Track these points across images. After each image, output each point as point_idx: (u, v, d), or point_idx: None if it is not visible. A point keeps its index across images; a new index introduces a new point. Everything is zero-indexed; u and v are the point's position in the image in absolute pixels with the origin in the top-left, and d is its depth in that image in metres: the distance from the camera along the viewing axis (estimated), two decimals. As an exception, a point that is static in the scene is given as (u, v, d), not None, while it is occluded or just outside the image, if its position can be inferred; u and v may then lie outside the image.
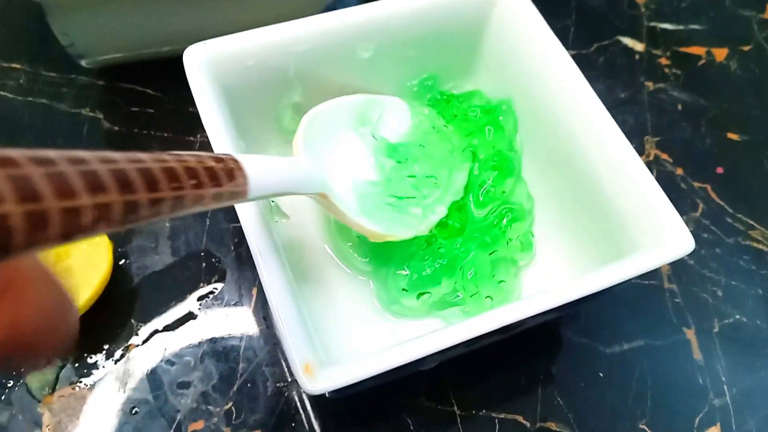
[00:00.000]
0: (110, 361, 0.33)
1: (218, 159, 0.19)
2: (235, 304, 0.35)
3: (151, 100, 0.42)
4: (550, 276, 0.33)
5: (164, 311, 0.35)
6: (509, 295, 0.32)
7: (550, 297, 0.25)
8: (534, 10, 0.32)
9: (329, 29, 0.32)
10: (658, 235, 0.27)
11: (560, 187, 0.33)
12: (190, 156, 0.18)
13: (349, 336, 0.31)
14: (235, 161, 0.20)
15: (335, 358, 0.29)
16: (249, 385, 0.33)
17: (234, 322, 0.34)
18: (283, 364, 0.33)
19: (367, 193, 0.31)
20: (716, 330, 0.36)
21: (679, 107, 0.45)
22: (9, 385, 0.32)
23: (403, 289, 0.31)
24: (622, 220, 0.28)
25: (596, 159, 0.29)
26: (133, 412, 0.32)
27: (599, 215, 0.30)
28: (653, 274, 0.38)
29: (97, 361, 0.33)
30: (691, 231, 0.38)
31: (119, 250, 0.36)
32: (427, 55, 0.35)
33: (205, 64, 0.30)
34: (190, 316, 0.34)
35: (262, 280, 0.25)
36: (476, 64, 0.36)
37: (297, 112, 0.34)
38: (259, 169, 0.21)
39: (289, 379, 0.33)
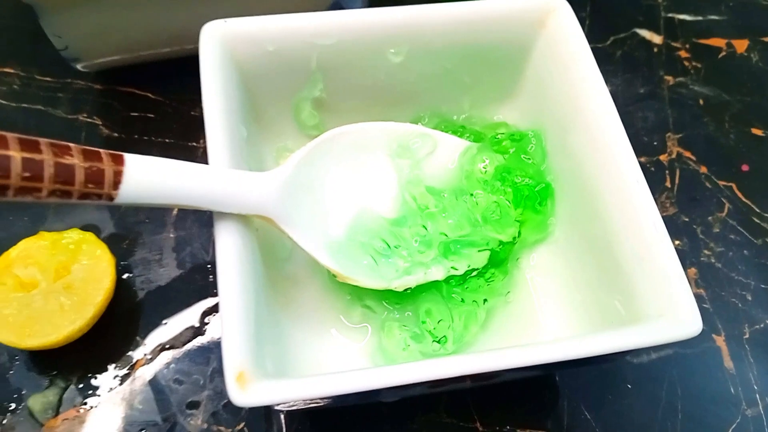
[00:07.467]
0: (116, 381, 0.31)
1: (91, 157, 0.20)
2: (245, 318, 0.33)
3: (151, 104, 0.40)
4: (547, 323, 0.31)
5: (170, 327, 0.33)
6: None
7: (522, 353, 0.22)
8: (583, 38, 0.30)
9: (359, 26, 0.30)
10: (667, 310, 0.24)
11: (576, 229, 0.30)
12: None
13: (327, 352, 0.29)
14: (114, 161, 0.21)
15: (297, 372, 0.27)
16: (262, 404, 0.31)
17: (244, 337, 0.33)
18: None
19: (365, 228, 0.29)
20: (747, 336, 0.35)
21: (701, 102, 0.43)
22: (10, 408, 0.30)
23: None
24: (632, 283, 0.26)
25: (618, 213, 0.27)
26: (141, 435, 0.30)
27: (610, 270, 0.27)
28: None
29: (101, 382, 0.31)
30: (717, 232, 0.38)
31: (122, 263, 0.34)
32: (464, 69, 0.32)
33: (221, 42, 0.28)
34: (197, 331, 0.33)
35: (217, 272, 0.24)
36: (514, 87, 0.34)
37: (316, 107, 0.33)
38: (142, 174, 0.21)
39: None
